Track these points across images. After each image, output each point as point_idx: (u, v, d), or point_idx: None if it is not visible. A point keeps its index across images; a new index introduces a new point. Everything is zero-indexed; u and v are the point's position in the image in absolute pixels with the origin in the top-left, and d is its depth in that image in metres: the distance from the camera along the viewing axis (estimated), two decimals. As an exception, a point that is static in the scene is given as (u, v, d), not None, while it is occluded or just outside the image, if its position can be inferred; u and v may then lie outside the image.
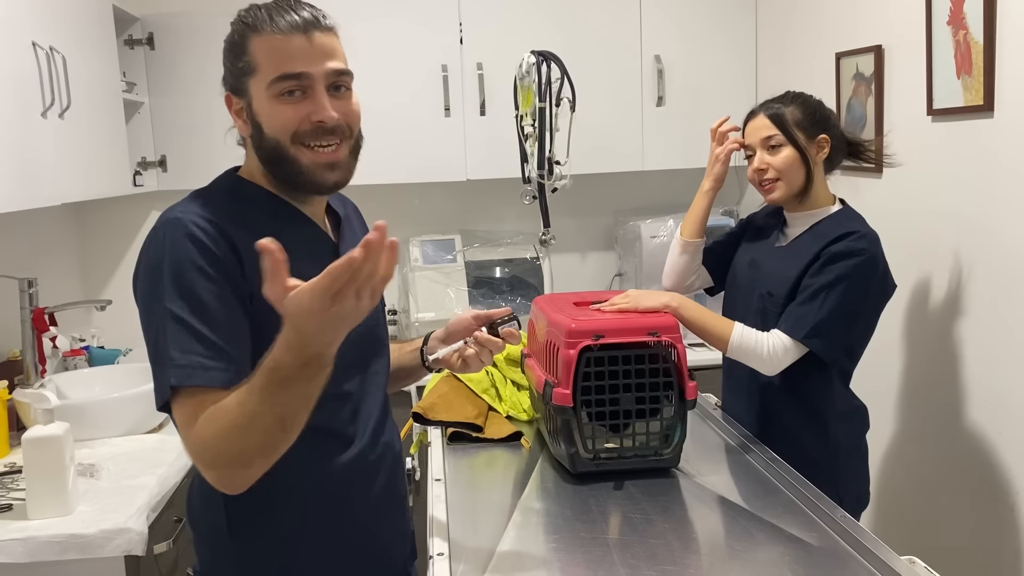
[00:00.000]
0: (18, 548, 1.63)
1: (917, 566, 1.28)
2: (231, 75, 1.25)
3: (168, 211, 1.22)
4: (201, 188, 1.30)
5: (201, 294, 1.14)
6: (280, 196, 1.28)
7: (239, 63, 1.23)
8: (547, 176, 2.59)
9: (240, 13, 1.25)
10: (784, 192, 1.89)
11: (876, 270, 1.82)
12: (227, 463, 1.08)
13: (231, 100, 1.27)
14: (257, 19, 1.23)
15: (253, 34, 1.22)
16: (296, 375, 1.02)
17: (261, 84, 1.21)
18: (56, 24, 2.23)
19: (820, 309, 1.77)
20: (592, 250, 3.45)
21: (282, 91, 1.20)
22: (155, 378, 1.16)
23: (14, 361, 2.42)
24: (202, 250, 1.15)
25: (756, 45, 3.11)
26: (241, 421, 1.05)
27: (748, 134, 1.93)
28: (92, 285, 3.21)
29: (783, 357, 1.78)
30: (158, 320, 1.14)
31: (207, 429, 1.08)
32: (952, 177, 2.09)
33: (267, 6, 1.24)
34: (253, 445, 1.06)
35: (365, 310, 0.99)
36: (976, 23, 1.92)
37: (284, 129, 1.21)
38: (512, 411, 2.00)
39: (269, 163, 1.25)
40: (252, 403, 1.04)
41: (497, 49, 2.97)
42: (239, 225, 1.19)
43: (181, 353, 1.11)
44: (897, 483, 2.38)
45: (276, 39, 1.20)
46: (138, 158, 2.99)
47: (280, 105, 1.21)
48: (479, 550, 1.37)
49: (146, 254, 1.20)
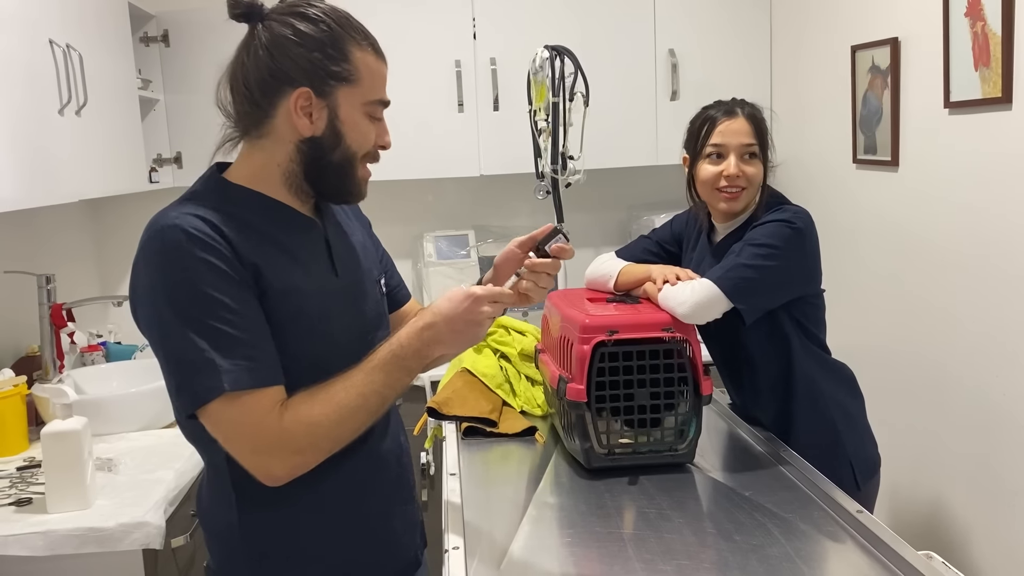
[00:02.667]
0: (38, 541, 1.64)
1: (935, 561, 1.27)
2: (317, 72, 1.19)
3: (160, 218, 1.16)
4: (187, 192, 1.24)
5: (220, 293, 1.12)
6: (273, 199, 1.24)
7: (335, 66, 1.19)
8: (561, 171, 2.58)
9: (324, 11, 1.21)
10: (745, 202, 1.81)
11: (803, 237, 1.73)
12: (328, 445, 1.17)
13: (305, 95, 1.19)
14: (352, 29, 1.21)
15: (353, 44, 1.21)
16: (414, 362, 1.20)
17: (357, 97, 1.21)
18: (73, 22, 2.25)
19: (737, 258, 1.71)
20: (606, 245, 3.44)
21: (373, 112, 1.24)
22: (185, 385, 1.12)
23: (32, 356, 2.44)
24: (210, 250, 1.13)
25: (771, 38, 3.09)
26: (354, 401, 1.16)
27: (725, 135, 1.80)
28: (108, 281, 3.23)
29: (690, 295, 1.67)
30: (184, 329, 1.11)
31: (312, 411, 1.14)
32: (969, 170, 2.08)
33: (355, 20, 1.23)
34: (357, 426, 1.18)
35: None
36: (994, 14, 1.90)
37: (364, 145, 1.25)
38: (526, 406, 2.01)
39: (318, 167, 1.23)
40: (365, 383, 1.17)
41: (510, 44, 2.96)
42: (234, 228, 1.17)
43: (224, 359, 1.10)
44: (910, 478, 2.37)
45: (375, 61, 1.23)
46: (154, 155, 3.01)
47: (368, 122, 1.24)
48: (494, 544, 1.37)
49: (150, 266, 1.14)
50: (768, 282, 1.71)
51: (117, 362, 2.63)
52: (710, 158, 1.82)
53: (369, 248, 1.41)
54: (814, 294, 1.84)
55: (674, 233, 2.03)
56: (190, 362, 1.11)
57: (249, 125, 1.24)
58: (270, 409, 1.13)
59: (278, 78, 1.19)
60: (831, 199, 2.69)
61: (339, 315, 1.26)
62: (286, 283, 1.19)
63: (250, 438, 1.13)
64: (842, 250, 2.63)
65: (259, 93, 1.20)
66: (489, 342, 2.15)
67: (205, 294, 1.11)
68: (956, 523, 2.20)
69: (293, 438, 1.14)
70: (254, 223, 1.20)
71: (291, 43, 1.18)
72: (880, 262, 2.49)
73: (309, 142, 1.21)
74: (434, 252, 3.13)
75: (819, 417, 1.82)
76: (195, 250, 1.12)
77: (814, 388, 1.82)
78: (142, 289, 1.15)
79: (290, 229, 1.25)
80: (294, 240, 1.24)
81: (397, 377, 1.20)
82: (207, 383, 1.11)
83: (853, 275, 2.61)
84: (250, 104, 1.22)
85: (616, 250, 2.03)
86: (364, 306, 1.33)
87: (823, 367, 1.86)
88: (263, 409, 1.13)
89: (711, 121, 1.83)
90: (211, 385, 1.10)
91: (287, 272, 1.20)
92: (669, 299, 1.69)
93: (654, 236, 2.05)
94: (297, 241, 1.25)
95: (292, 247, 1.23)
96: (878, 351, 2.49)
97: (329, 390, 1.17)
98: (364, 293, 1.34)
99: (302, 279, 1.22)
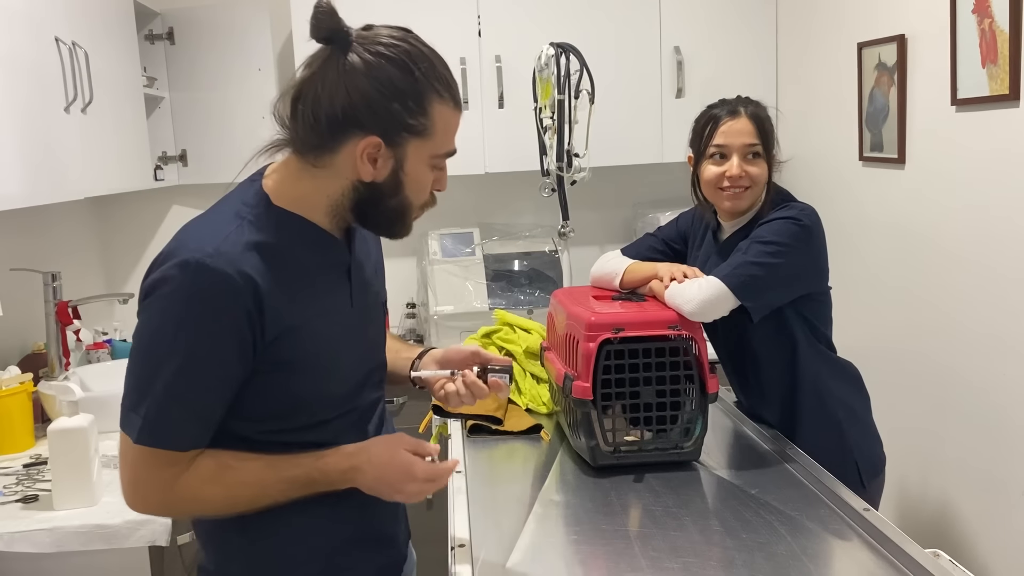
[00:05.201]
0: (45, 538, 1.65)
1: (942, 559, 1.26)
2: (391, 122, 1.13)
3: (193, 246, 1.10)
4: (227, 207, 1.18)
5: (208, 360, 1.10)
6: (313, 224, 1.20)
7: (412, 120, 1.14)
8: (566, 169, 2.58)
9: (413, 56, 1.14)
10: (749, 202, 1.81)
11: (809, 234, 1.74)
12: (198, 515, 1.19)
13: (375, 145, 1.13)
14: (440, 80, 1.16)
15: (435, 97, 1.15)
16: (322, 486, 1.18)
17: (426, 150, 1.17)
18: (78, 20, 2.25)
19: (744, 255, 1.71)
20: (611, 243, 3.44)
21: (438, 164, 1.21)
22: (125, 403, 1.12)
23: (39, 354, 2.45)
24: (222, 307, 1.09)
25: (776, 36, 3.08)
26: (249, 498, 1.16)
27: (728, 135, 1.79)
28: (114, 279, 3.24)
29: (697, 292, 1.67)
30: (156, 366, 1.10)
31: (204, 490, 1.14)
32: (976, 168, 2.07)
33: (441, 64, 1.17)
34: (239, 511, 1.17)
35: (408, 499, 1.24)
36: (1002, 11, 1.90)
37: (422, 195, 1.21)
38: (532, 404, 2.00)
39: (370, 208, 1.19)
40: (268, 487, 1.16)
41: (515, 41, 2.96)
42: (273, 268, 1.13)
43: (158, 413, 1.10)
44: (917, 476, 2.36)
45: (452, 113, 1.19)
46: (159, 152, 3.02)
47: (430, 173, 1.20)
48: (500, 542, 1.37)
49: (163, 292, 1.09)
50: (775, 279, 1.71)
51: (123, 359, 2.63)
52: (713, 158, 1.82)
53: (380, 267, 1.39)
54: (821, 291, 1.83)
55: (680, 231, 2.02)
56: (140, 393, 1.11)
57: (307, 151, 1.16)
58: (168, 471, 1.13)
59: (350, 120, 1.12)
60: (837, 197, 2.68)
61: (345, 346, 1.25)
62: (304, 323, 1.17)
63: (135, 482, 1.14)
64: (848, 248, 2.63)
65: (326, 127, 1.13)
66: (494, 339, 2.15)
67: (196, 356, 1.09)
68: (963, 521, 2.20)
69: (173, 502, 1.16)
70: (292, 255, 1.16)
71: (372, 88, 1.11)
72: (886, 260, 2.48)
73: (367, 185, 1.17)
74: (439, 250, 3.13)
75: (825, 415, 1.82)
76: (214, 310, 1.09)
77: (820, 386, 1.82)
78: (148, 312, 1.12)
79: (323, 258, 1.21)
80: (323, 269, 1.21)
81: (296, 495, 1.18)
82: (133, 419, 1.11)
83: (859, 273, 2.61)
84: (315, 135, 1.14)
85: (621, 248, 2.02)
86: (368, 333, 1.32)
87: (829, 365, 1.86)
88: (161, 470, 1.12)
89: (714, 121, 1.83)
90: (134, 424, 1.11)
91: (309, 309, 1.18)
92: (676, 297, 1.68)
93: (660, 234, 2.04)
94: (325, 270, 1.22)
95: (319, 280, 1.20)
96: (884, 349, 2.48)
97: (235, 477, 1.15)
98: (371, 319, 1.32)
99: (320, 316, 1.19)
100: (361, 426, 1.28)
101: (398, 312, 3.27)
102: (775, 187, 1.86)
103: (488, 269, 3.11)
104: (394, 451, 1.21)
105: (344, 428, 1.24)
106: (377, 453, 1.20)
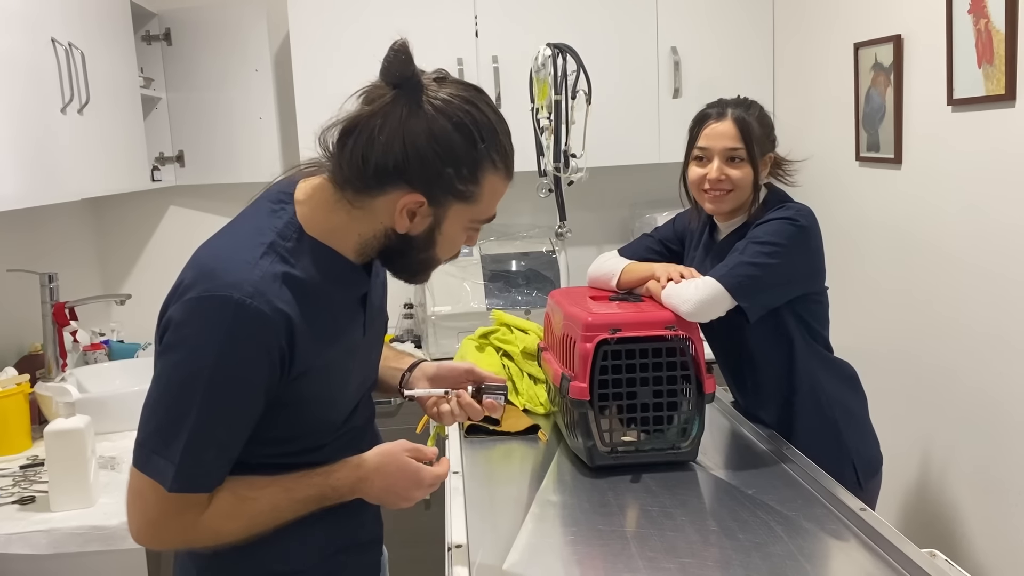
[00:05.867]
0: (42, 540, 1.65)
1: (938, 559, 1.27)
2: (440, 185, 1.10)
3: (231, 280, 1.05)
4: (260, 232, 1.13)
5: (239, 401, 1.08)
6: (342, 256, 1.17)
7: (461, 185, 1.11)
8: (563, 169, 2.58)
9: (479, 124, 1.11)
10: (731, 206, 1.82)
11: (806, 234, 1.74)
12: (217, 547, 1.14)
13: (416, 202, 1.10)
14: (499, 151, 1.14)
15: (490, 167, 1.13)
16: (334, 500, 1.19)
17: (468, 215, 1.16)
18: (75, 20, 2.25)
19: (741, 256, 1.71)
20: (609, 243, 3.43)
21: (475, 227, 1.19)
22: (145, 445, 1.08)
23: (35, 355, 2.44)
24: (259, 349, 1.07)
25: (773, 36, 3.09)
26: (267, 523, 1.14)
27: (710, 137, 1.81)
28: (111, 280, 3.23)
29: (694, 293, 1.67)
30: (189, 408, 1.06)
31: (225, 525, 1.12)
32: (972, 168, 2.07)
33: (503, 132, 1.16)
34: (256, 534, 1.15)
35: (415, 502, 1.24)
36: (998, 11, 1.90)
37: (452, 252, 1.21)
38: (529, 404, 2.00)
39: (397, 256, 1.18)
40: (284, 510, 1.15)
41: (512, 42, 2.96)
42: (300, 298, 1.11)
43: (192, 458, 1.07)
44: (913, 476, 2.36)
45: (502, 183, 1.17)
46: (156, 153, 3.01)
47: (464, 234, 1.19)
48: (497, 543, 1.37)
49: (199, 325, 1.05)
50: (772, 280, 1.71)
51: (120, 360, 2.63)
52: (698, 160, 1.84)
53: (385, 284, 1.37)
54: (818, 292, 1.83)
55: (676, 231, 2.02)
56: (167, 435, 1.07)
57: (347, 186, 1.12)
58: (192, 510, 1.10)
59: (399, 172, 1.09)
60: (834, 197, 2.68)
61: (353, 376, 1.25)
62: (324, 361, 1.16)
63: (157, 523, 1.10)
64: (844, 248, 2.63)
65: (373, 173, 1.09)
66: (492, 340, 2.15)
67: (228, 396, 1.07)
68: (960, 521, 2.20)
69: (195, 538, 1.13)
70: (321, 290, 1.14)
71: (428, 147, 1.08)
72: (883, 260, 2.48)
73: (400, 237, 1.15)
74: (436, 250, 3.12)
75: (821, 416, 1.82)
76: (253, 352, 1.06)
77: (816, 386, 1.82)
78: (183, 343, 1.07)
79: (346, 291, 1.20)
80: (345, 303, 1.20)
81: (311, 509, 1.18)
82: (162, 464, 1.07)
83: (855, 273, 2.61)
84: (359, 176, 1.10)
85: (618, 248, 2.03)
86: (373, 357, 1.32)
87: (825, 365, 1.86)
88: (185, 511, 1.10)
89: (700, 122, 1.85)
90: (164, 470, 1.07)
91: (330, 347, 1.16)
92: (673, 297, 1.69)
93: (656, 234, 2.04)
94: (346, 304, 1.21)
95: (341, 315, 1.19)
96: (881, 349, 2.48)
97: (253, 508, 1.13)
98: (375, 343, 1.32)
99: (338, 351, 1.19)
100: (357, 444, 1.27)
101: (395, 313, 3.27)
102: (772, 187, 1.87)
103: (485, 269, 3.11)
104: (400, 460, 1.21)
105: (341, 447, 1.24)
106: (383, 463, 1.21)
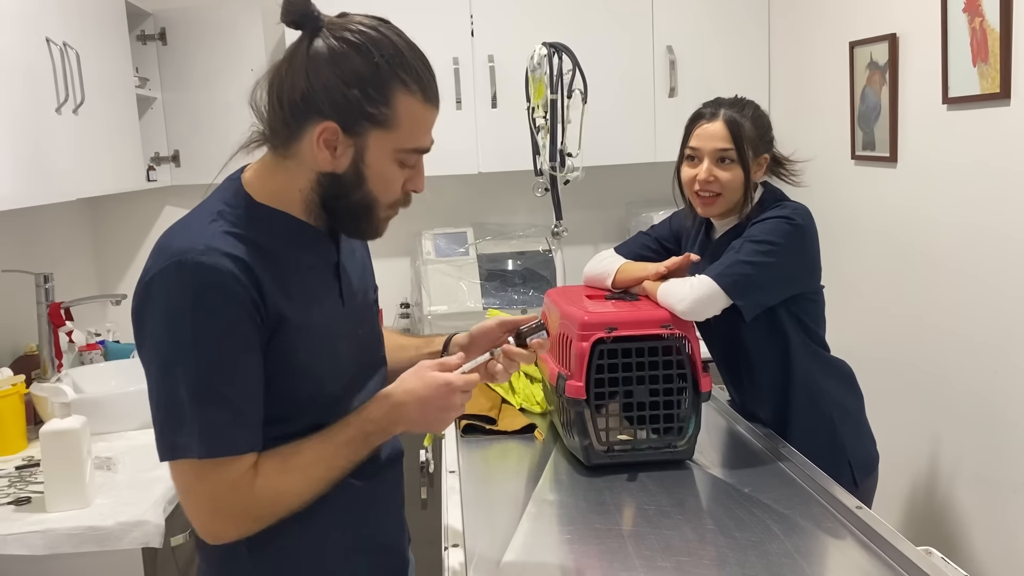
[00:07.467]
0: (37, 540, 1.64)
1: (934, 557, 1.27)
2: (349, 109, 1.10)
3: (185, 243, 1.08)
4: (209, 208, 1.16)
5: (228, 354, 1.08)
6: (297, 219, 1.18)
7: (372, 108, 1.11)
8: (559, 168, 2.59)
9: (379, 44, 1.11)
10: (722, 208, 1.82)
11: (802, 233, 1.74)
12: (284, 513, 1.13)
13: (331, 131, 1.11)
14: (407, 71, 1.12)
15: (401, 89, 1.11)
16: (379, 438, 1.19)
17: (389, 143, 1.13)
18: (69, 20, 2.24)
19: (737, 254, 1.71)
20: (605, 242, 3.44)
21: (406, 160, 1.16)
22: (165, 434, 1.09)
23: (31, 355, 2.44)
24: (237, 305, 1.08)
25: (769, 35, 3.09)
26: (324, 474, 1.15)
27: (700, 138, 1.81)
28: (107, 280, 3.23)
29: (689, 291, 1.67)
30: (182, 379, 1.07)
31: (282, 482, 1.12)
32: (968, 166, 2.08)
33: (413, 56, 1.14)
34: (316, 495, 1.15)
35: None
36: (992, 9, 1.90)
37: (388, 193, 1.17)
38: (525, 403, 2.01)
39: (335, 203, 1.17)
40: (335, 457, 1.15)
41: (508, 41, 2.96)
42: (263, 264, 1.11)
43: (207, 421, 1.07)
44: (909, 474, 2.37)
45: (421, 108, 1.14)
46: (151, 153, 3.01)
47: (397, 169, 1.16)
48: (493, 541, 1.37)
49: (162, 298, 1.07)
50: (767, 278, 1.71)
51: (116, 361, 2.62)
52: (689, 160, 1.85)
53: (368, 265, 1.38)
54: (814, 291, 1.84)
55: (673, 230, 2.03)
56: (176, 414, 1.08)
57: (277, 141, 1.16)
58: (241, 476, 1.10)
59: (308, 105, 1.11)
60: (830, 195, 2.69)
61: (342, 346, 1.24)
62: (302, 320, 1.16)
63: (213, 502, 1.10)
64: (840, 246, 2.63)
65: (289, 113, 1.12)
66: (488, 339, 2.14)
67: (215, 352, 1.07)
68: (955, 519, 2.20)
69: (258, 506, 1.12)
70: (279, 252, 1.15)
71: (330, 71, 1.10)
72: (879, 258, 2.49)
73: (329, 176, 1.15)
74: (432, 249, 3.13)
75: (817, 414, 1.82)
76: (221, 304, 1.07)
77: (813, 385, 1.83)
78: (153, 322, 1.09)
79: (312, 255, 1.20)
80: (313, 268, 1.20)
81: (362, 453, 1.18)
82: (184, 441, 1.07)
83: (852, 271, 2.61)
84: (280, 121, 1.14)
85: (615, 247, 2.03)
86: (360, 331, 1.31)
87: (822, 364, 1.86)
88: (233, 477, 1.09)
89: (693, 122, 1.86)
90: (187, 444, 1.07)
91: (305, 307, 1.17)
92: (668, 296, 1.69)
93: (653, 233, 2.05)
94: (316, 269, 1.21)
95: (310, 278, 1.19)
96: (877, 348, 2.49)
97: (301, 460, 1.14)
98: (362, 320, 1.31)
99: (317, 315, 1.19)
100: None
101: (392, 312, 3.27)
102: (768, 186, 1.87)
103: (482, 269, 3.11)
104: (425, 375, 1.21)
105: None
106: (411, 384, 1.20)
